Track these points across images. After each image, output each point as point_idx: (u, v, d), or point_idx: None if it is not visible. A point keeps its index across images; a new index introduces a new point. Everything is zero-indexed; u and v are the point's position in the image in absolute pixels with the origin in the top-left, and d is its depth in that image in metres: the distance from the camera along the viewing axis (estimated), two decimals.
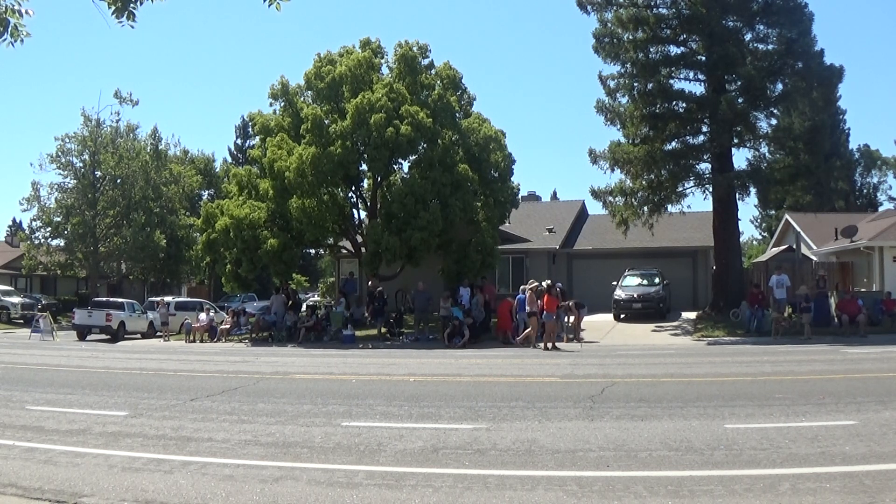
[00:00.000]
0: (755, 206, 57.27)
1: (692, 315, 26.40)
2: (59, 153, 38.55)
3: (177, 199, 42.65)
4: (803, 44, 23.88)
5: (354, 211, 29.04)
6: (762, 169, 25.78)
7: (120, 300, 29.57)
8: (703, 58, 25.06)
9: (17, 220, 65.38)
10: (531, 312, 19.57)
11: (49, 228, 38.84)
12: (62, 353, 20.18)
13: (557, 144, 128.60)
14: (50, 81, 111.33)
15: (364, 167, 26.50)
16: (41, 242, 39.54)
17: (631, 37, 25.13)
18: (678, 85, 25.93)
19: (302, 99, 28.17)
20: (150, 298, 34.92)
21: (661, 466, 6.30)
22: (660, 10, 25.45)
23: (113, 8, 5.25)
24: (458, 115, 27.15)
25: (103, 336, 26.93)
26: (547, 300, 18.97)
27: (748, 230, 67.13)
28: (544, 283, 20.37)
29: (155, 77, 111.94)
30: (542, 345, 19.04)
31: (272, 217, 25.93)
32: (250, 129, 46.58)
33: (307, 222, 24.64)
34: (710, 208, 26.97)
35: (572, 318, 22.00)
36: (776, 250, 35.98)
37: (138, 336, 28.30)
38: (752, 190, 26.87)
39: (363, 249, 25.97)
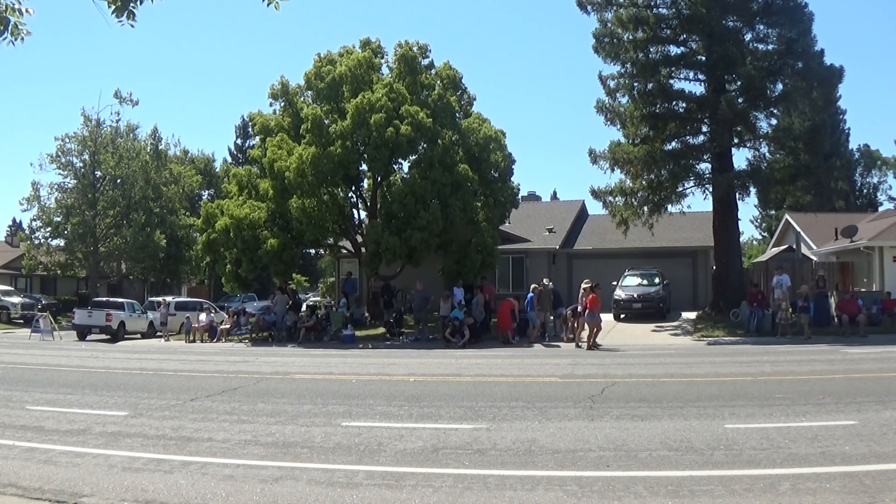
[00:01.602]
0: (755, 206, 57.31)
1: (692, 315, 26.38)
2: (59, 153, 38.54)
3: (177, 199, 42.63)
4: (803, 44, 23.86)
5: (354, 211, 29.06)
6: (762, 169, 25.75)
7: (120, 300, 29.56)
8: (703, 58, 25.05)
9: (17, 220, 65.49)
10: (580, 312, 19.63)
11: (49, 228, 38.82)
12: (62, 353, 20.18)
13: (557, 144, 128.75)
14: (50, 81, 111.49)
15: (364, 167, 26.50)
16: (41, 242, 39.52)
17: (631, 37, 25.12)
18: (678, 85, 25.96)
19: (302, 99, 28.18)
20: (150, 298, 34.91)
21: (661, 466, 6.30)
22: (660, 10, 25.44)
23: (113, 7, 5.24)
24: (458, 115, 27.13)
25: (103, 336, 26.93)
26: (591, 299, 19.02)
27: (748, 230, 67.15)
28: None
29: (155, 77, 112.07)
30: (580, 342, 19.05)
31: (272, 217, 25.92)
32: (250, 129, 46.59)
33: (307, 222, 24.63)
34: (710, 208, 26.96)
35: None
36: (776, 250, 35.97)
37: (138, 336, 28.30)
38: (752, 190, 26.86)
39: (363, 249, 25.97)
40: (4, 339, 27.88)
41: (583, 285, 20.60)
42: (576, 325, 20.40)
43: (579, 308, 20.11)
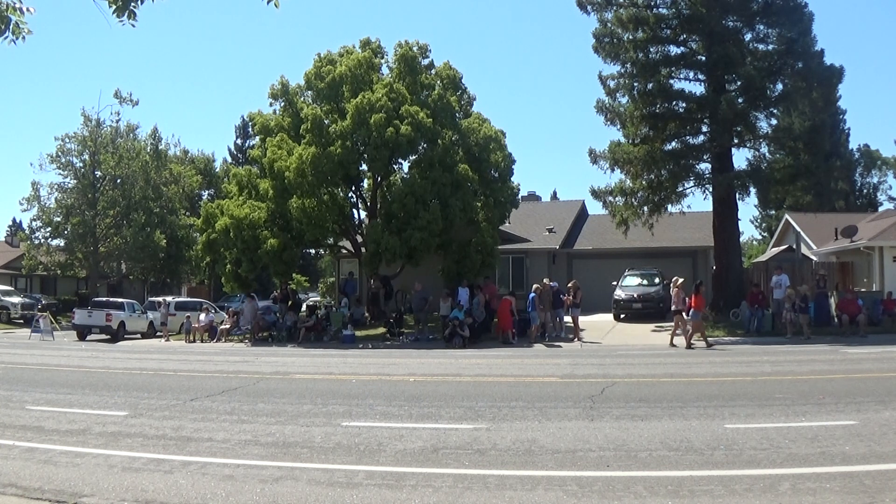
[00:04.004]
0: (755, 206, 57.25)
1: None
2: (59, 153, 38.59)
3: (177, 199, 42.65)
4: (803, 44, 23.86)
5: (354, 211, 29.02)
6: (762, 169, 25.73)
7: (120, 300, 29.55)
8: (703, 58, 25.03)
9: (17, 220, 65.53)
10: (677, 310, 19.41)
11: (49, 228, 38.86)
12: (62, 353, 20.18)
13: (557, 144, 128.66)
14: (50, 81, 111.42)
15: (364, 167, 26.49)
16: (41, 242, 39.54)
17: (631, 37, 25.10)
18: (678, 85, 25.93)
19: (302, 99, 28.16)
20: (151, 298, 34.91)
21: (661, 466, 6.30)
22: (660, 10, 25.42)
23: (114, 7, 5.24)
24: (458, 115, 27.12)
25: (103, 336, 26.93)
26: (695, 299, 18.87)
27: (748, 230, 67.06)
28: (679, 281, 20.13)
29: (155, 77, 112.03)
30: (683, 341, 18.89)
31: (272, 217, 25.91)
32: (250, 129, 46.61)
33: (307, 222, 24.62)
34: (710, 208, 26.94)
35: (568, 318, 22.29)
36: (776, 250, 35.98)
37: (138, 336, 28.30)
38: (752, 190, 26.80)
39: (363, 249, 25.97)
40: (4, 339, 27.87)
41: (674, 284, 20.18)
42: (680, 325, 19.47)
43: (673, 307, 19.71)
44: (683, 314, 19.09)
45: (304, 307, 31.91)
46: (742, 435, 7.40)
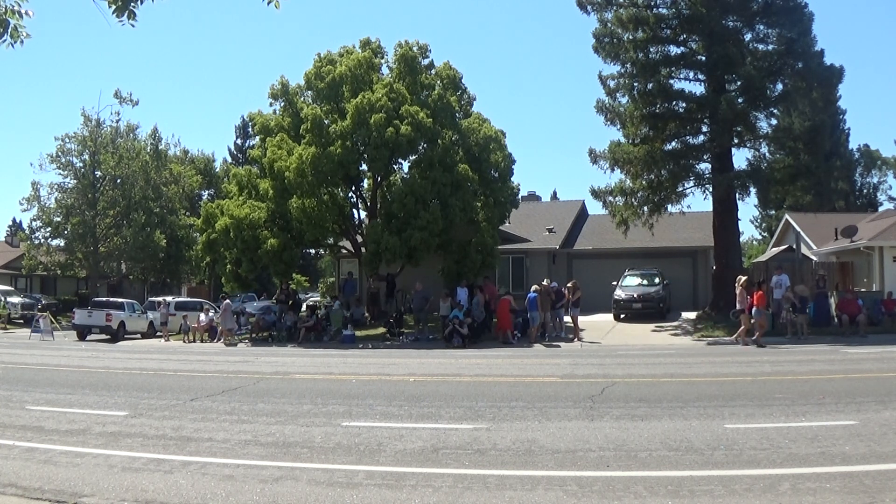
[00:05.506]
0: (755, 206, 57.26)
1: (692, 315, 26.33)
2: (59, 153, 38.58)
3: (177, 199, 42.64)
4: (803, 44, 23.86)
5: (354, 211, 29.04)
6: (762, 169, 25.73)
7: (120, 300, 29.54)
8: (703, 58, 25.04)
9: (17, 220, 65.57)
10: (740, 310, 19.39)
11: (49, 228, 38.86)
12: (62, 353, 20.18)
13: (557, 144, 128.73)
14: (50, 81, 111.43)
15: (364, 167, 26.49)
16: (41, 242, 39.54)
17: (631, 37, 25.10)
18: (678, 85, 25.92)
19: (302, 99, 28.17)
20: (151, 298, 34.91)
21: (661, 466, 6.30)
22: (660, 10, 25.42)
23: (114, 7, 5.24)
24: (458, 115, 27.12)
25: (103, 336, 26.93)
26: (758, 296, 18.82)
27: (748, 230, 67.10)
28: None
29: (155, 77, 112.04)
30: (748, 340, 18.76)
31: (272, 217, 25.91)
32: (250, 129, 46.64)
33: (307, 222, 24.63)
34: (710, 208, 26.94)
35: (568, 318, 22.31)
36: (776, 250, 35.97)
37: (138, 336, 28.30)
38: (752, 190, 26.78)
39: (363, 249, 25.98)
40: (4, 339, 27.87)
41: (737, 283, 19.97)
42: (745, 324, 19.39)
43: (738, 306, 19.61)
44: (747, 312, 19.04)
45: (304, 307, 31.92)
46: (742, 435, 7.40)
